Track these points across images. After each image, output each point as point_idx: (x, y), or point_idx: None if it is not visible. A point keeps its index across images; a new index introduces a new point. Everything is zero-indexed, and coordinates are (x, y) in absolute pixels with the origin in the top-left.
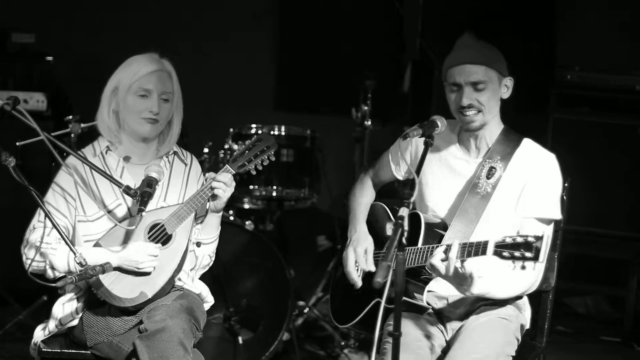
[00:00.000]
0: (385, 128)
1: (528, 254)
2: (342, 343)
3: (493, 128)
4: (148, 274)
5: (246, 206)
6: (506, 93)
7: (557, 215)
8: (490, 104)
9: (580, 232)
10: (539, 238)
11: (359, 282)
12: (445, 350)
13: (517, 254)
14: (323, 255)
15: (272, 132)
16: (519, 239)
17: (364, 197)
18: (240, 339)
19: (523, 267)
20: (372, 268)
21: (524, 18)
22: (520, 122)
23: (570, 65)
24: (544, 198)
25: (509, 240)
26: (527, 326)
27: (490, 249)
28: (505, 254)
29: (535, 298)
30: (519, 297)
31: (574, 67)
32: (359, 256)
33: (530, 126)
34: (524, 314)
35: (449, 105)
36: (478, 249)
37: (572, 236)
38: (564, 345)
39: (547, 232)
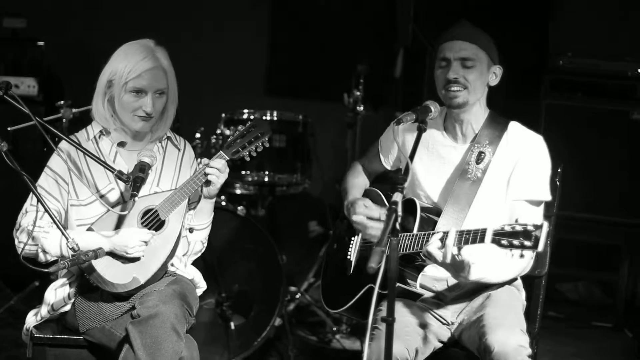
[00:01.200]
0: (377, 113)
1: (527, 243)
2: (334, 328)
3: (478, 113)
4: (137, 259)
5: (238, 191)
6: (494, 80)
7: (547, 196)
8: (476, 84)
9: (572, 218)
10: (539, 227)
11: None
12: (449, 340)
13: (515, 242)
14: (315, 241)
15: (264, 118)
16: (518, 227)
17: (357, 178)
18: (232, 325)
19: (521, 256)
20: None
21: (518, 4)
22: (512, 108)
23: (563, 51)
24: (533, 180)
25: (507, 228)
26: (524, 306)
27: (489, 237)
28: (504, 242)
29: (528, 284)
30: (514, 279)
31: (566, 53)
32: (364, 211)
33: (522, 112)
34: (522, 295)
35: (436, 83)
36: (476, 236)
37: (563, 222)
38: (556, 330)
39: (540, 216)
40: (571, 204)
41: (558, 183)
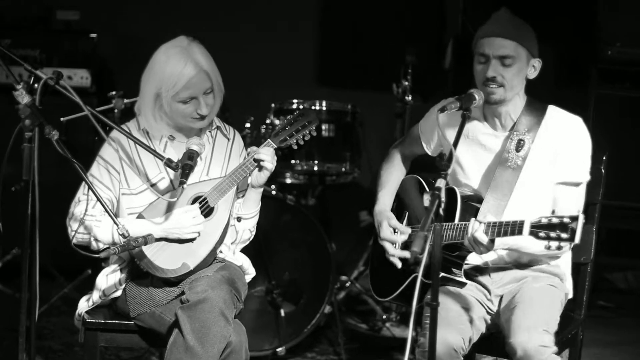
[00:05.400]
0: (427, 103)
1: (564, 235)
2: (384, 317)
3: (517, 104)
4: (192, 240)
5: (288, 181)
6: (533, 73)
7: (586, 177)
8: (514, 82)
9: (622, 207)
10: (575, 218)
11: (398, 264)
12: (493, 321)
13: (552, 234)
14: (365, 230)
15: (313, 107)
16: (555, 220)
17: (390, 173)
18: (282, 312)
19: (559, 248)
20: (406, 230)
21: None
22: (562, 97)
23: (612, 41)
24: (572, 162)
25: (544, 220)
26: (570, 295)
27: (527, 229)
28: (542, 234)
29: (575, 271)
30: (555, 258)
31: (615, 42)
32: (389, 237)
33: (572, 102)
34: (566, 284)
35: (475, 76)
36: (514, 228)
37: (613, 211)
38: (604, 319)
39: (580, 198)
40: (621, 193)
41: (603, 171)
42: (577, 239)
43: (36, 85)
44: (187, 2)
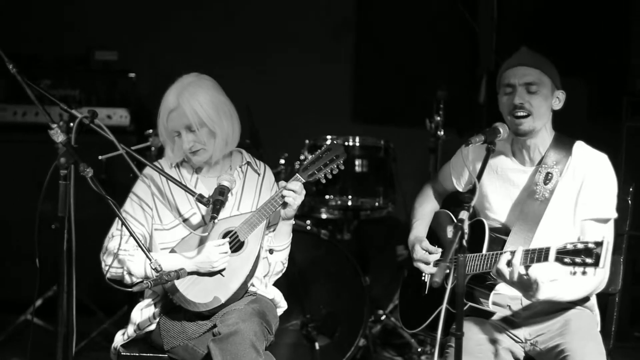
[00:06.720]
0: (462, 138)
1: (589, 260)
2: (419, 350)
3: (544, 137)
4: (222, 272)
5: (323, 216)
6: (557, 105)
7: (613, 214)
8: (540, 110)
9: None
10: (599, 244)
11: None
12: (523, 358)
13: (578, 260)
14: (402, 265)
15: (346, 143)
16: (580, 245)
17: (424, 206)
18: (317, 345)
19: (584, 273)
20: (436, 251)
21: (598, 27)
22: (593, 130)
23: None
24: (598, 199)
25: (570, 246)
26: (599, 325)
27: (552, 255)
28: (567, 260)
29: (603, 301)
30: (587, 299)
31: None
32: (422, 256)
33: (603, 134)
34: (595, 313)
35: (501, 110)
36: (540, 255)
37: None
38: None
39: (607, 234)
40: None
41: (630, 202)
42: (602, 264)
43: (72, 124)
44: (223, 41)
